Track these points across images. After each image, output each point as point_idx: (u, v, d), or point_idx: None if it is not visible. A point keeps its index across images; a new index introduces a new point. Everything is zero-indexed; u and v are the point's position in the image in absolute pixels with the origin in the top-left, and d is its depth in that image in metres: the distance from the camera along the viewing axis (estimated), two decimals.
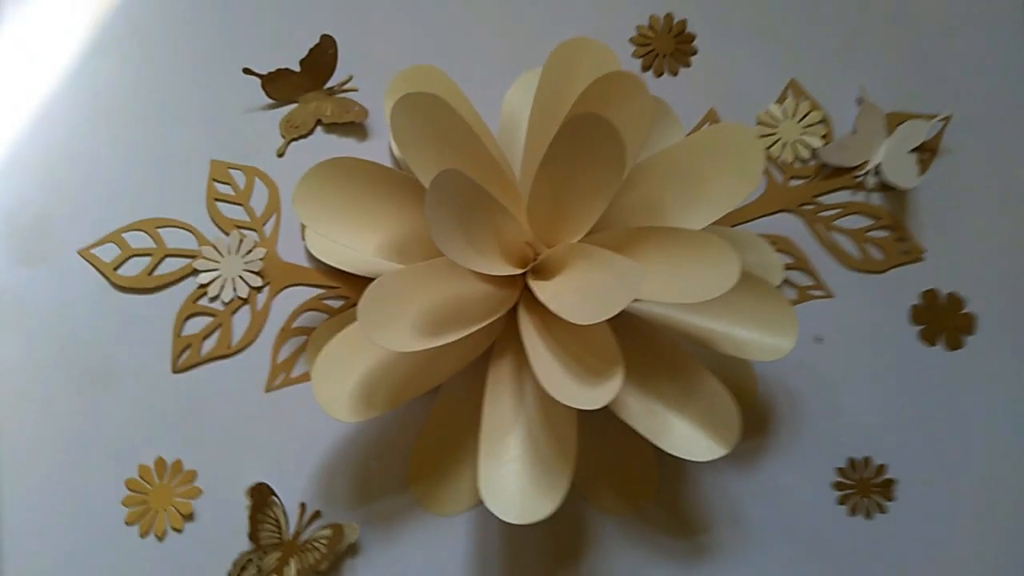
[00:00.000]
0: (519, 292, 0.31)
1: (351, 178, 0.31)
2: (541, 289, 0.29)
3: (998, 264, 0.35)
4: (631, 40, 0.37)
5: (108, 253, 0.35)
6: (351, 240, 0.31)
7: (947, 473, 0.33)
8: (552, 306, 0.28)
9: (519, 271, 0.30)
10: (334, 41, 0.36)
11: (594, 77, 0.31)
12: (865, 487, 0.33)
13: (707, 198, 0.31)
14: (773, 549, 0.32)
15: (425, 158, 0.29)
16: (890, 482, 0.33)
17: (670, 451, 0.29)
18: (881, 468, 0.33)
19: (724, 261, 0.27)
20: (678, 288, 0.28)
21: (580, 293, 0.28)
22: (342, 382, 0.30)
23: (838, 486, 0.33)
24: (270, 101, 0.36)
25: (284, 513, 0.32)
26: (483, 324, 0.29)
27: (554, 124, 0.30)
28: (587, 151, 0.28)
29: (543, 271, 0.30)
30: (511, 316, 0.30)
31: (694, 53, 0.37)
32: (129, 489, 0.33)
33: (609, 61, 0.32)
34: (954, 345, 0.34)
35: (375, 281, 0.28)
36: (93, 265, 0.35)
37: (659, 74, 0.37)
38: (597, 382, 0.27)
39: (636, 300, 0.28)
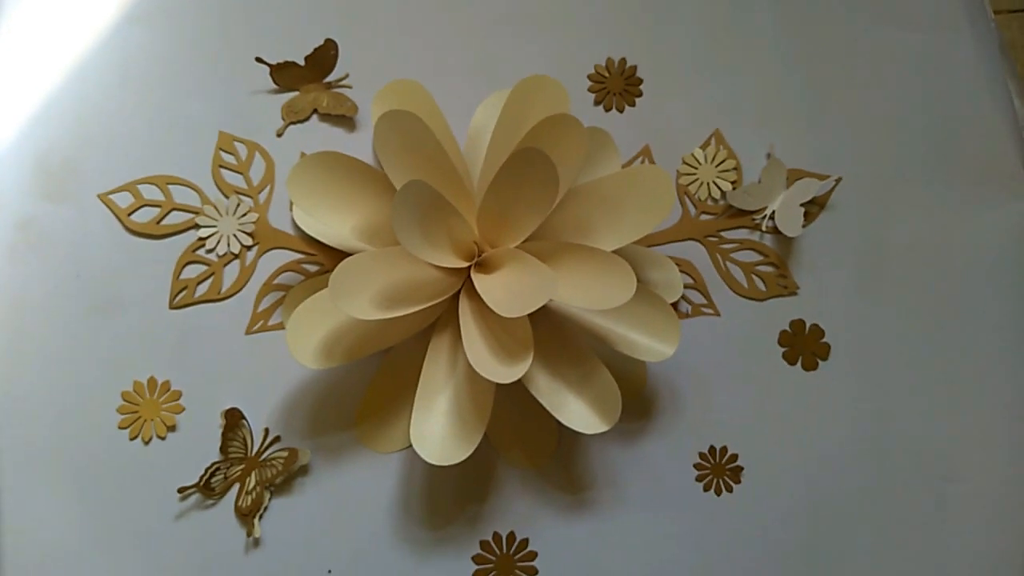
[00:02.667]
0: (463, 281, 0.37)
1: (337, 169, 0.37)
2: (480, 281, 0.36)
3: (855, 306, 0.41)
4: (588, 76, 0.43)
5: (124, 200, 0.41)
6: (331, 221, 0.38)
7: (785, 467, 0.40)
8: (486, 298, 0.34)
9: (465, 264, 0.37)
10: (336, 44, 0.42)
11: (548, 110, 0.38)
12: (719, 470, 0.40)
13: (626, 223, 0.37)
14: (639, 510, 0.39)
15: (399, 165, 0.36)
16: (739, 468, 0.40)
17: (565, 423, 0.35)
18: (734, 456, 0.40)
19: (624, 279, 0.34)
20: (586, 296, 0.35)
21: (508, 291, 0.35)
22: (310, 335, 0.36)
23: (698, 467, 0.40)
24: (275, 87, 0.42)
25: (251, 434, 0.39)
26: (429, 304, 0.36)
27: (509, 147, 0.37)
28: (529, 177, 0.35)
29: (485, 266, 0.37)
30: (454, 299, 0.37)
31: (640, 95, 0.43)
32: (124, 399, 0.39)
33: (561, 98, 0.39)
34: (810, 367, 0.41)
35: (346, 259, 0.35)
36: (110, 209, 0.40)
37: (608, 109, 0.43)
38: (512, 362, 0.34)
39: (552, 301, 0.35)
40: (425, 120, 0.36)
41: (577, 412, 0.36)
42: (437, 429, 0.36)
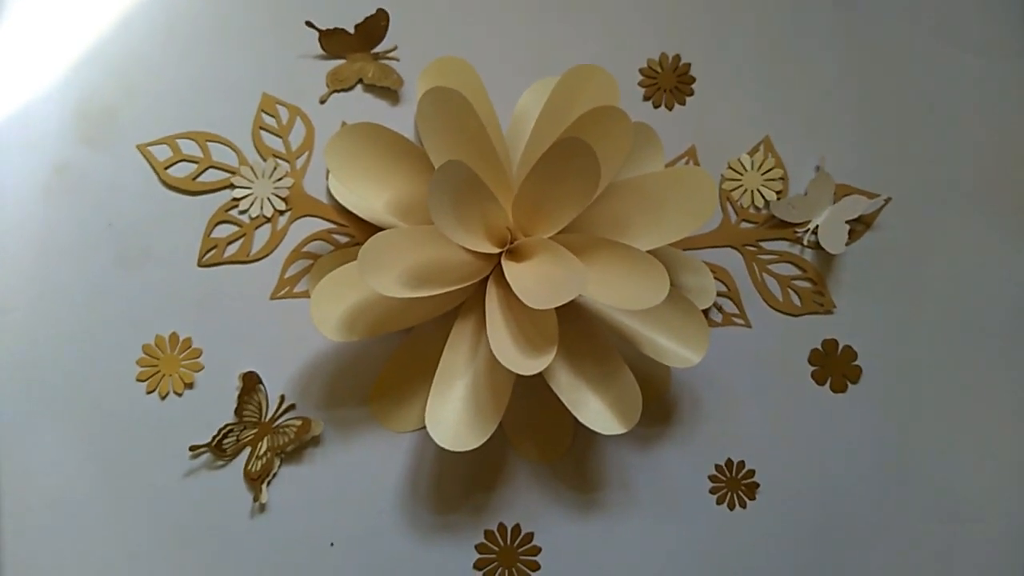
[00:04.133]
0: (493, 267, 0.37)
1: (377, 142, 0.37)
2: (510, 269, 0.35)
3: (892, 331, 0.40)
4: (640, 70, 0.42)
5: (162, 153, 0.40)
6: (367, 194, 0.37)
7: (802, 489, 0.39)
8: (515, 287, 0.34)
9: (496, 250, 0.36)
10: (387, 15, 0.41)
11: (596, 101, 0.37)
12: (734, 484, 0.39)
13: (664, 224, 0.37)
14: (648, 516, 0.39)
15: (440, 143, 0.35)
16: (755, 485, 0.39)
17: (583, 422, 0.35)
18: (751, 472, 0.39)
19: (658, 281, 0.34)
20: (617, 294, 0.34)
21: (538, 282, 0.34)
22: (334, 307, 0.36)
23: (713, 479, 0.39)
24: (322, 53, 0.42)
25: (266, 399, 0.39)
26: (457, 287, 0.35)
27: (553, 135, 0.36)
28: (570, 167, 0.34)
29: (516, 254, 0.36)
30: (481, 285, 0.37)
31: (691, 94, 0.42)
32: (144, 352, 0.39)
33: (611, 90, 0.38)
34: (839, 389, 0.40)
35: (377, 234, 0.34)
36: (147, 160, 0.40)
37: (657, 105, 0.42)
38: (535, 354, 0.34)
39: (581, 296, 0.34)
40: (470, 100, 0.35)
41: (596, 411, 0.35)
42: (452, 414, 0.35)
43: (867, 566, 0.39)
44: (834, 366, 0.40)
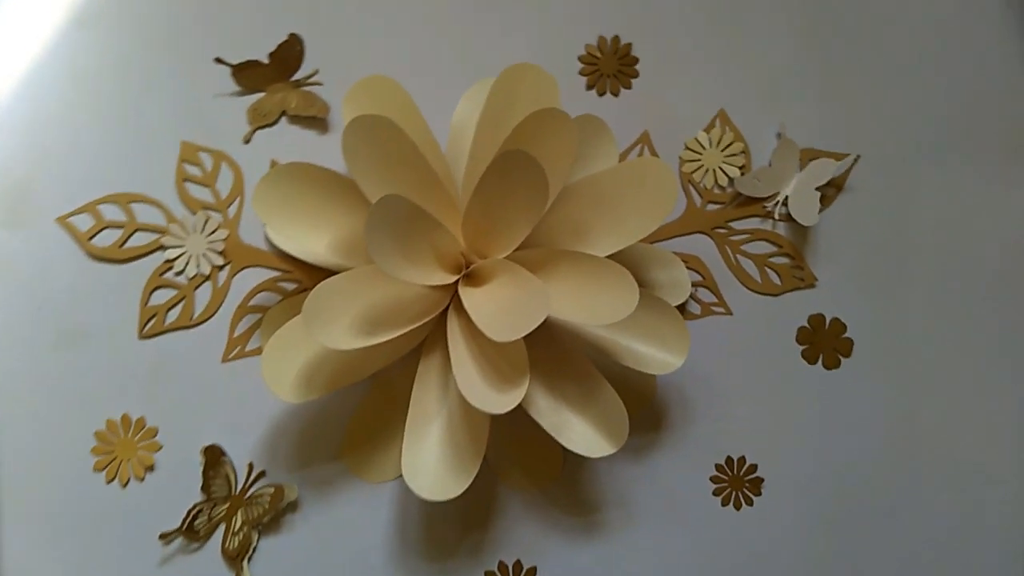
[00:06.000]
0: (451, 296, 0.34)
1: (306, 182, 0.34)
2: (468, 298, 0.33)
3: (879, 297, 0.38)
4: (579, 58, 0.40)
5: (84, 223, 0.37)
6: (305, 239, 0.35)
7: (809, 476, 0.37)
8: (476, 320, 0.31)
9: (452, 278, 0.34)
10: (300, 39, 0.39)
11: (534, 102, 0.35)
12: (737, 482, 0.37)
13: (625, 224, 0.34)
14: (652, 530, 0.37)
15: (373, 176, 0.33)
16: (759, 480, 0.38)
17: (568, 447, 0.33)
18: (753, 467, 0.38)
19: (625, 291, 0.31)
20: (584, 310, 0.32)
21: (499, 309, 0.32)
22: (287, 366, 0.33)
23: (715, 480, 0.37)
24: (239, 89, 0.39)
25: (233, 470, 0.37)
26: (415, 326, 0.33)
27: (495, 145, 0.34)
28: (515, 182, 0.32)
29: (474, 278, 0.34)
30: (443, 315, 0.34)
31: (636, 76, 0.40)
32: (97, 440, 0.36)
33: (549, 88, 0.35)
34: (832, 365, 0.38)
35: (320, 284, 0.32)
36: (70, 233, 0.37)
37: (601, 93, 0.40)
38: (506, 388, 0.31)
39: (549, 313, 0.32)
40: (400, 120, 0.33)
41: (581, 434, 0.33)
42: (430, 460, 0.33)
43: (886, 545, 0.37)
44: (824, 342, 0.38)
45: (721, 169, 0.39)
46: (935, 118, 0.39)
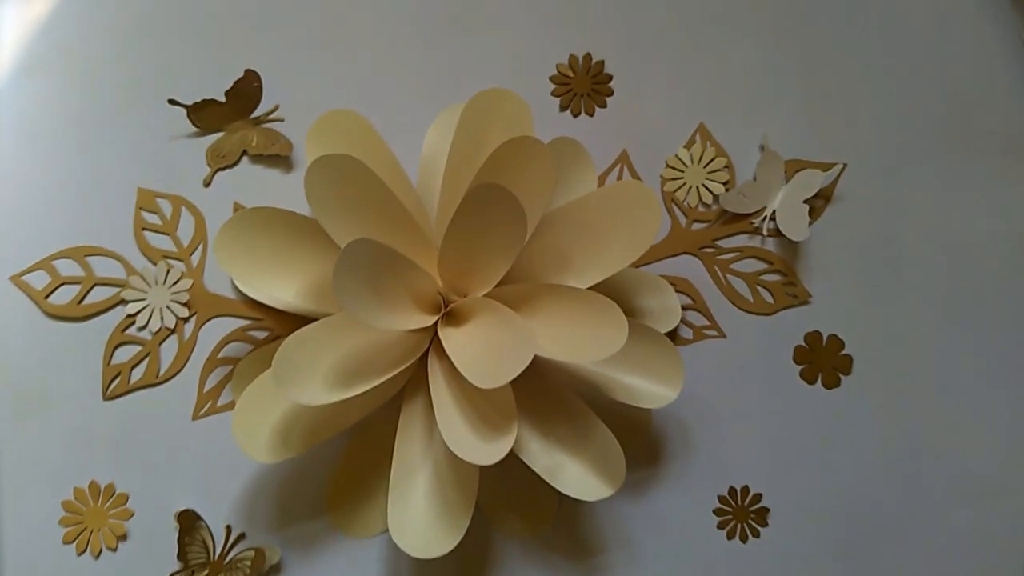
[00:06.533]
0: (431, 336, 0.33)
1: (270, 227, 0.32)
2: (449, 340, 0.31)
3: (876, 309, 0.37)
4: (551, 78, 0.38)
5: (39, 280, 0.35)
6: (272, 287, 0.33)
7: (816, 502, 0.36)
8: (458, 365, 0.30)
9: (430, 320, 0.32)
10: (258, 75, 0.37)
11: (507, 128, 0.33)
12: (742, 514, 0.36)
13: (609, 252, 0.33)
14: (658, 570, 0.35)
15: (339, 220, 0.31)
16: (765, 510, 0.36)
17: (564, 491, 0.31)
18: (758, 496, 0.36)
19: (614, 325, 0.30)
20: (571, 348, 0.30)
21: (482, 352, 0.30)
22: (260, 424, 0.31)
23: (719, 512, 0.36)
24: (196, 130, 0.37)
25: (211, 535, 0.34)
26: (393, 374, 0.31)
27: (467, 176, 0.32)
28: (491, 216, 0.30)
29: (454, 317, 0.32)
30: (423, 358, 0.33)
31: (610, 94, 0.38)
32: (66, 510, 0.34)
33: (521, 113, 0.34)
34: (832, 384, 0.37)
35: (289, 337, 0.30)
36: (24, 292, 0.36)
37: (576, 113, 0.38)
38: (494, 436, 0.30)
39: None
40: (366, 156, 0.31)
41: (576, 477, 0.32)
42: (417, 515, 0.31)
43: (901, 569, 0.36)
44: (822, 360, 0.37)
45: (705, 186, 0.37)
46: (921, 117, 0.38)
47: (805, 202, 0.36)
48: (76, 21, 0.37)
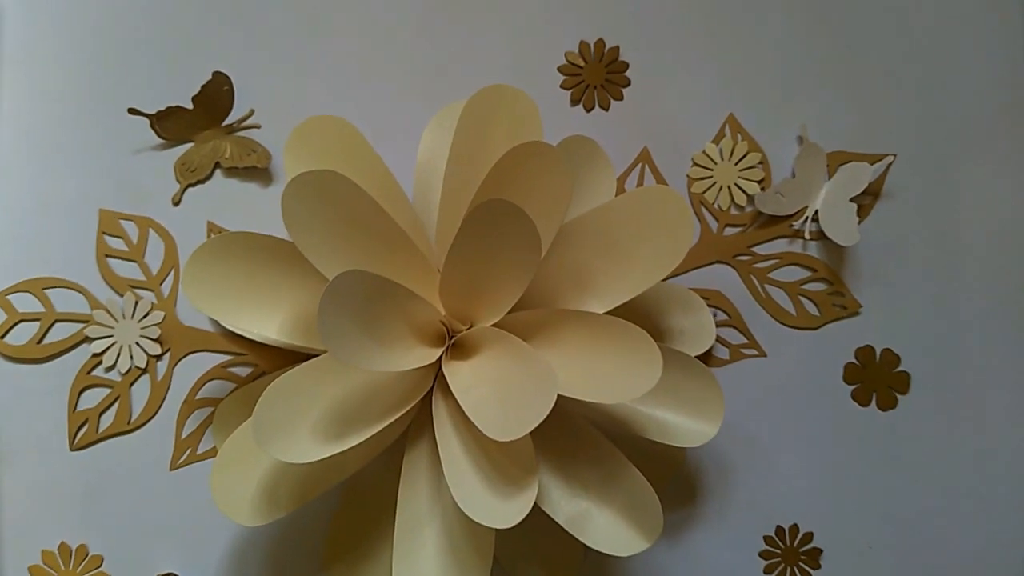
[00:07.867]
0: (435, 372, 0.29)
1: (246, 254, 0.29)
2: (456, 378, 0.27)
3: (935, 318, 0.33)
4: (560, 69, 0.34)
5: None
6: (251, 323, 0.29)
7: (873, 541, 0.33)
8: (469, 411, 0.26)
9: (434, 355, 0.28)
10: (228, 78, 0.33)
11: (513, 130, 0.29)
12: (792, 555, 0.32)
13: (634, 267, 0.29)
14: None
15: (324, 247, 0.27)
16: (817, 551, 0.33)
17: (591, 545, 0.27)
18: (808, 536, 0.33)
19: (646, 359, 0.26)
20: (597, 387, 0.26)
21: (495, 396, 0.26)
22: (244, 482, 0.28)
23: (766, 555, 0.33)
24: (161, 141, 0.33)
25: None
26: (392, 419, 0.27)
27: (471, 185, 0.28)
28: (499, 238, 0.26)
29: (460, 349, 0.29)
30: (427, 398, 0.29)
31: (627, 84, 0.34)
32: None
33: (529, 112, 0.30)
34: (887, 405, 0.33)
35: (270, 387, 0.26)
36: None
37: (589, 108, 0.34)
38: (511, 492, 0.26)
39: None
40: (352, 168, 0.28)
41: (605, 528, 0.28)
42: (427, 575, 0.27)
43: None
44: (876, 378, 0.33)
45: (737, 186, 0.33)
46: (974, 101, 0.34)
47: (852, 200, 0.32)
48: (22, 24, 0.33)
